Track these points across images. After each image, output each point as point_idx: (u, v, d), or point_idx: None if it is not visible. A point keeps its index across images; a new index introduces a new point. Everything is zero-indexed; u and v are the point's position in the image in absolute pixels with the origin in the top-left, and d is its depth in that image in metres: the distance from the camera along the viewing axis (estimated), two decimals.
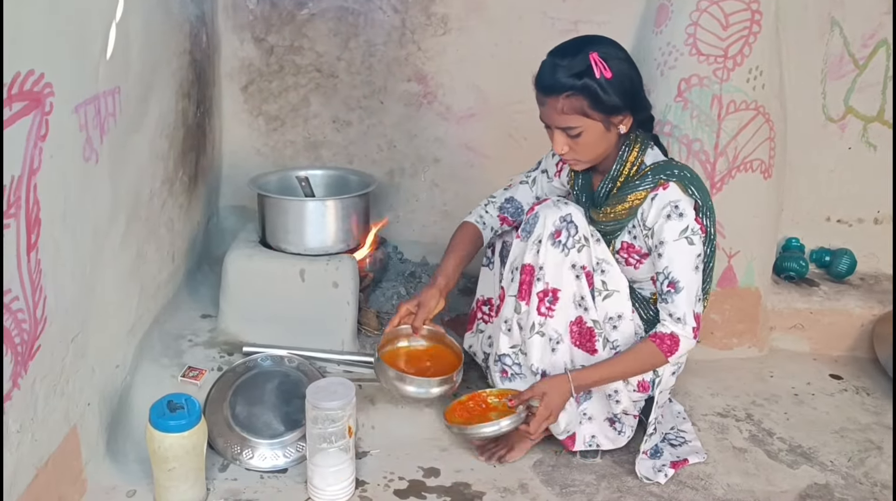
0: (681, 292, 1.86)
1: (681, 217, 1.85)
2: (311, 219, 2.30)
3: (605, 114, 1.84)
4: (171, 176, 2.24)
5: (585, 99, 1.81)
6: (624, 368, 1.94)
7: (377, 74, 2.83)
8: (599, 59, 1.80)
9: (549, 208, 1.92)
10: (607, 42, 1.87)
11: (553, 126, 1.88)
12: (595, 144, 1.88)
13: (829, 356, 2.78)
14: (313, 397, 1.79)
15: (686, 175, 1.89)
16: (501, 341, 2.01)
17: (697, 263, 1.87)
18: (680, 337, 1.88)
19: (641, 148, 1.93)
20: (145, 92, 1.97)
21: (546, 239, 1.89)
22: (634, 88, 1.87)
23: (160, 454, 1.71)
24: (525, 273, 1.92)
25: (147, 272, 2.11)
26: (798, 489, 2.05)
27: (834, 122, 2.82)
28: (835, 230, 2.96)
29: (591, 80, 1.80)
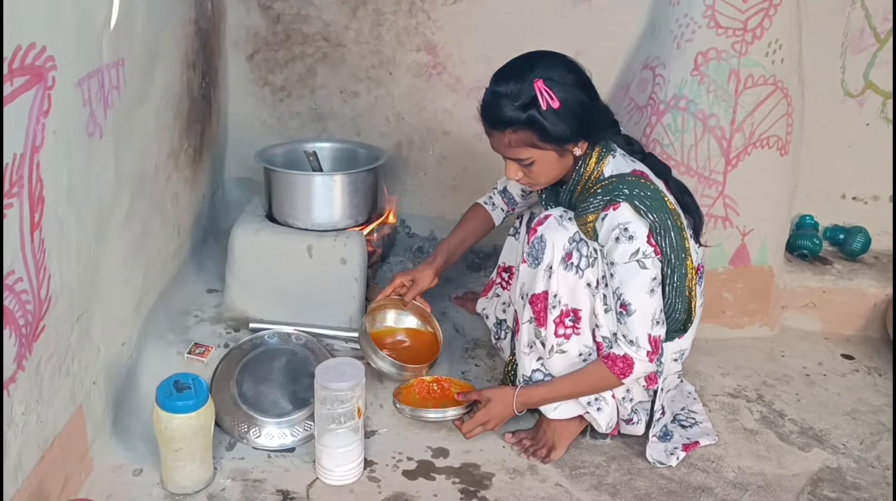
0: (633, 315, 1.77)
1: (630, 240, 1.74)
2: (318, 194, 2.26)
3: (556, 144, 1.75)
4: (177, 149, 2.19)
5: (533, 132, 1.72)
6: (573, 388, 1.89)
7: (386, 43, 2.77)
8: (545, 87, 1.68)
9: (554, 231, 1.82)
10: (554, 62, 1.75)
11: (505, 156, 1.82)
12: (549, 169, 1.81)
13: (841, 336, 2.75)
14: (322, 377, 1.77)
15: (640, 194, 1.76)
16: (526, 362, 1.95)
17: (652, 285, 1.77)
18: (634, 360, 1.80)
19: (599, 157, 1.83)
20: (150, 63, 1.91)
21: (557, 265, 1.81)
22: (586, 112, 1.74)
23: (167, 434, 1.69)
24: (539, 301, 1.86)
25: (152, 248, 2.08)
26: (810, 472, 2.03)
27: (853, 97, 2.76)
28: (850, 208, 2.91)
29: (537, 112, 1.69)
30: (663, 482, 1.95)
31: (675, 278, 1.82)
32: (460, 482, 1.89)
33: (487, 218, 2.21)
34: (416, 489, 1.85)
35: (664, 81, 2.54)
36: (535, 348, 1.93)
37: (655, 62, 2.57)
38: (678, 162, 2.52)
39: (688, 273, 1.84)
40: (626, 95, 2.69)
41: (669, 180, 1.91)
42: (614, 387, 1.91)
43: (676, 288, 1.84)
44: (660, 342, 1.81)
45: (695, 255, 1.90)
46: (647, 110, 2.58)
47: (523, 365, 1.96)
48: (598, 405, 1.94)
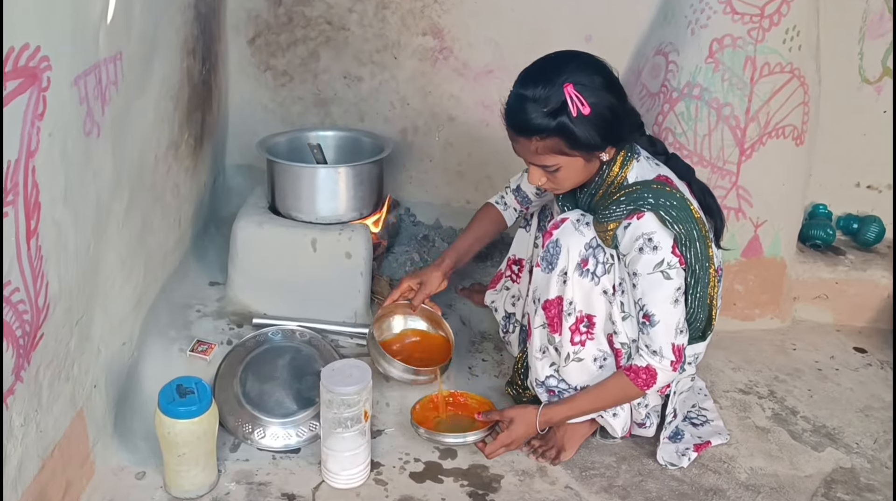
0: (657, 326, 1.73)
1: (655, 251, 1.69)
2: (322, 187, 2.21)
3: (585, 151, 1.68)
4: (177, 139, 2.13)
5: (562, 139, 1.65)
6: (596, 403, 1.86)
7: (390, 27, 2.69)
8: (575, 92, 1.60)
9: (571, 236, 1.76)
10: (583, 63, 1.67)
11: (528, 162, 1.75)
12: (575, 175, 1.75)
13: (853, 328, 2.70)
14: (328, 381, 1.73)
15: (666, 204, 1.70)
16: (539, 367, 1.91)
17: (676, 296, 1.72)
18: (657, 370, 1.76)
19: (624, 162, 1.76)
20: (148, 54, 1.84)
21: (573, 271, 1.76)
22: (616, 117, 1.67)
23: (170, 440, 1.66)
24: (552, 307, 1.81)
25: (153, 242, 2.03)
26: (823, 473, 2.00)
27: (870, 83, 2.69)
28: (864, 196, 2.85)
29: (568, 119, 1.61)
30: (674, 483, 1.91)
31: (698, 289, 1.78)
32: (468, 484, 1.86)
33: (499, 218, 2.15)
34: (423, 492, 1.82)
35: (677, 68, 2.46)
36: (548, 353, 1.88)
37: (668, 48, 2.50)
38: (691, 152, 2.46)
39: (710, 281, 1.79)
40: (637, 81, 2.62)
41: (693, 182, 1.86)
42: (637, 398, 1.87)
43: (699, 298, 1.79)
44: (683, 351, 1.77)
45: (715, 259, 1.85)
46: (660, 98, 2.51)
47: (536, 370, 1.92)
48: (614, 410, 1.90)
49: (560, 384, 1.91)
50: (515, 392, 2.10)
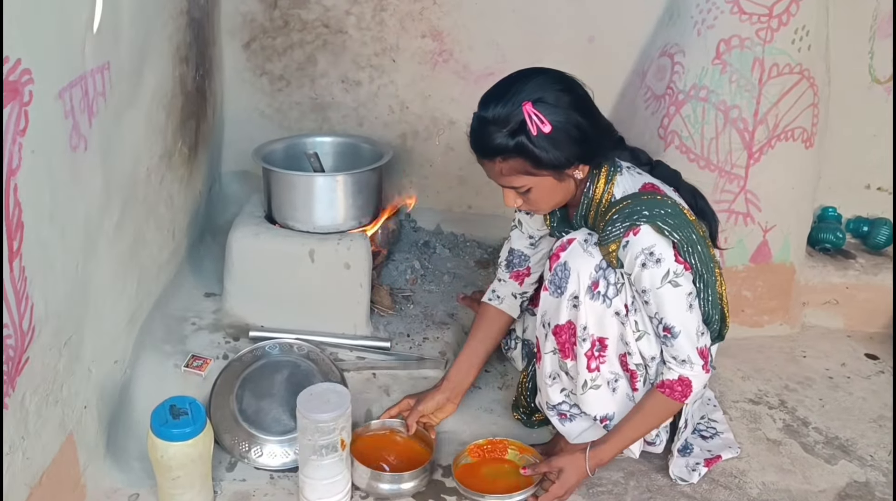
0: (679, 337, 1.68)
1: (658, 264, 1.62)
2: (320, 196, 2.15)
3: (552, 170, 1.61)
4: (170, 149, 2.07)
5: (523, 160, 1.59)
6: (641, 428, 1.80)
7: (389, 29, 2.63)
8: (534, 110, 1.54)
9: (579, 258, 1.70)
10: (545, 81, 1.60)
11: (499, 184, 1.69)
12: (549, 196, 1.68)
13: (864, 334, 2.65)
14: (304, 406, 1.66)
15: (660, 212, 1.63)
16: (551, 392, 1.85)
17: (690, 301, 1.68)
18: (691, 378, 1.72)
19: (608, 178, 1.70)
20: (139, 63, 1.79)
21: (584, 295, 1.69)
22: (583, 135, 1.60)
23: (164, 463, 1.60)
24: (563, 333, 1.75)
25: (146, 256, 1.97)
26: (837, 487, 1.94)
27: (880, 83, 2.63)
28: (874, 198, 2.80)
29: (527, 138, 1.55)
30: (684, 500, 1.86)
31: (708, 291, 1.73)
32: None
33: (498, 316, 2.01)
34: None
35: (683, 70, 2.41)
36: (559, 379, 1.83)
37: (674, 49, 2.44)
38: (697, 156, 2.40)
39: (719, 280, 1.75)
40: (642, 83, 2.56)
41: (681, 186, 1.80)
42: (677, 410, 1.83)
43: (711, 300, 1.74)
44: (708, 351, 1.74)
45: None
46: (665, 100, 2.45)
47: (547, 395, 1.86)
48: None
49: (573, 409, 1.86)
50: (523, 416, 2.04)
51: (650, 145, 2.47)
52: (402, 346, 2.21)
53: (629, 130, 2.56)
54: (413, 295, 2.44)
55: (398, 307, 2.36)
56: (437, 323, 2.32)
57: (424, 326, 2.31)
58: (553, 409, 1.87)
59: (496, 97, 1.60)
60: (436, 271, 2.59)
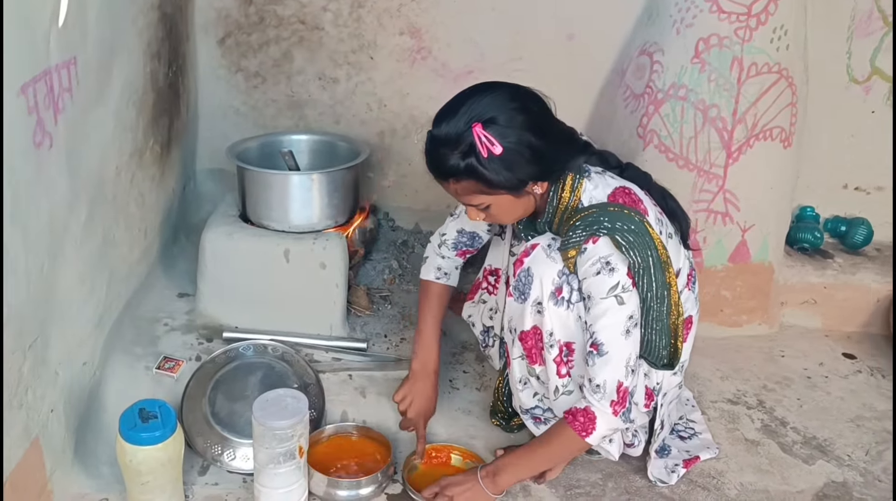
0: (604, 357, 1.61)
1: (612, 273, 1.59)
2: (295, 194, 2.11)
3: (507, 190, 1.58)
4: (141, 147, 2.03)
5: (476, 181, 1.56)
6: (540, 459, 1.77)
7: (366, 26, 2.60)
8: (484, 132, 1.50)
9: (543, 263, 1.67)
10: (499, 99, 1.55)
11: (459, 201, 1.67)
12: (510, 211, 1.66)
13: (842, 333, 2.65)
14: (260, 413, 1.62)
15: (623, 228, 1.59)
16: (523, 397, 1.83)
17: (628, 326, 1.62)
18: (596, 413, 1.63)
19: (574, 186, 1.66)
20: (107, 58, 1.74)
21: (547, 301, 1.66)
22: (536, 153, 1.56)
23: (133, 467, 1.57)
24: (529, 338, 1.72)
25: (116, 256, 1.93)
26: (815, 487, 1.94)
27: (858, 83, 2.63)
28: (851, 198, 2.80)
29: (477, 162, 1.52)
30: None
31: (652, 317, 1.67)
32: None
33: (444, 292, 1.99)
34: None
35: (662, 69, 2.39)
36: (529, 384, 1.81)
37: (653, 48, 2.43)
38: (676, 155, 2.39)
39: (671, 310, 1.67)
40: (621, 81, 2.54)
41: (651, 188, 1.78)
42: (583, 450, 1.79)
43: (654, 326, 1.68)
44: (627, 394, 1.65)
45: (686, 262, 1.78)
46: (644, 99, 2.44)
47: (520, 399, 1.84)
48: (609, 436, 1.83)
49: (546, 413, 1.84)
50: (502, 422, 2.02)
51: (629, 144, 2.46)
52: (379, 347, 2.18)
53: (609, 129, 2.56)
54: (391, 295, 2.41)
55: (375, 308, 2.33)
56: (414, 324, 2.28)
57: (402, 326, 2.28)
58: (527, 413, 1.85)
59: (447, 116, 1.57)
60: (414, 270, 2.56)
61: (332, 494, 1.76)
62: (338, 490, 1.76)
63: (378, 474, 1.79)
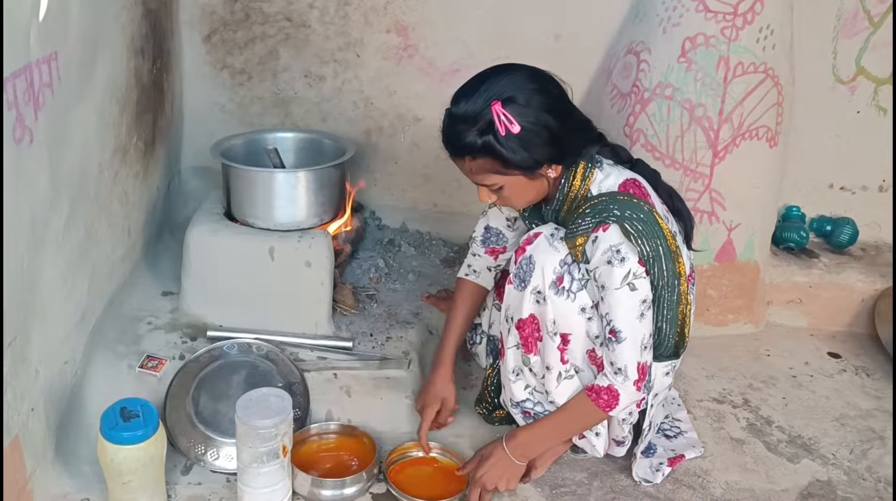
0: (623, 342, 1.64)
1: (623, 262, 1.60)
2: (280, 192, 2.09)
3: (522, 170, 1.60)
4: (125, 144, 2.01)
5: (492, 159, 1.57)
6: (561, 426, 1.78)
7: (353, 24, 2.59)
8: (503, 111, 1.52)
9: (545, 252, 1.67)
10: (518, 80, 1.58)
11: (472, 182, 1.67)
12: (522, 193, 1.67)
13: (828, 332, 2.66)
14: (243, 412, 1.61)
15: (632, 216, 1.61)
16: (514, 389, 1.83)
17: (642, 309, 1.64)
18: (619, 391, 1.67)
19: (585, 174, 1.69)
20: (90, 54, 1.73)
21: (548, 289, 1.67)
22: (554, 137, 1.58)
23: (114, 467, 1.55)
24: (526, 326, 1.72)
25: (99, 254, 1.91)
26: (799, 486, 1.94)
27: (844, 83, 2.64)
28: (837, 198, 2.82)
29: (495, 139, 1.54)
30: (648, 500, 1.85)
31: (663, 305, 1.69)
32: None
33: (475, 292, 2.02)
34: None
35: (649, 68, 2.40)
36: (523, 375, 1.80)
37: (640, 47, 2.43)
38: (663, 154, 2.39)
39: (681, 299, 1.70)
40: (608, 80, 2.54)
41: (659, 186, 1.78)
42: (601, 421, 1.80)
43: (666, 316, 1.70)
44: (647, 369, 1.69)
45: (687, 262, 1.78)
46: (631, 98, 2.44)
47: (511, 391, 1.84)
48: (597, 429, 1.83)
49: (536, 407, 1.83)
50: (485, 411, 2.02)
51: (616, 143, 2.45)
52: (364, 346, 2.17)
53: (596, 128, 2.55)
54: (377, 294, 2.40)
55: (361, 306, 2.32)
56: (401, 322, 2.28)
57: (388, 325, 2.27)
58: (517, 406, 1.85)
59: (467, 94, 1.58)
60: (400, 269, 2.55)
61: (317, 494, 1.75)
62: (322, 490, 1.75)
63: (362, 473, 1.78)
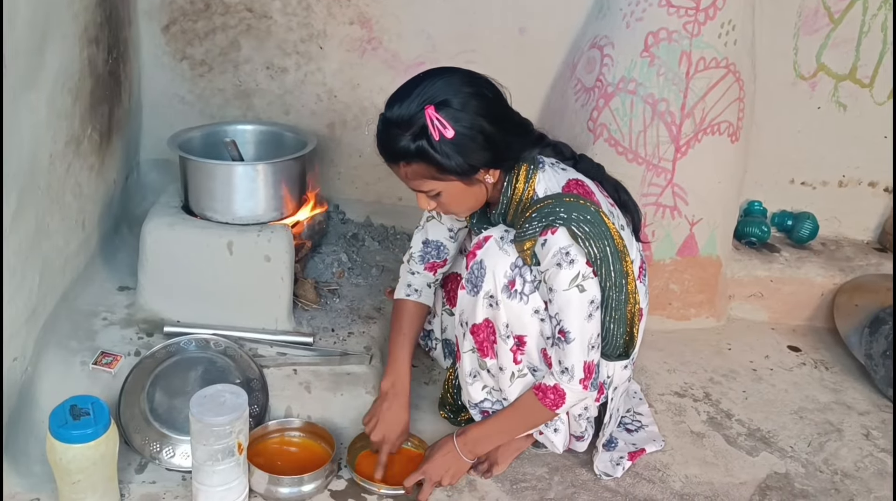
0: (572, 343, 1.63)
1: (571, 264, 1.58)
2: (239, 185, 2.06)
3: (457, 175, 1.57)
4: (78, 135, 1.96)
5: (427, 165, 1.55)
6: (510, 426, 1.78)
7: (316, 15, 2.56)
8: (436, 115, 1.50)
9: (495, 256, 1.65)
10: (453, 83, 1.54)
11: (410, 188, 1.65)
12: (461, 200, 1.64)
13: (788, 326, 2.69)
14: (197, 409, 1.58)
15: (579, 218, 1.59)
16: (472, 390, 1.82)
17: (591, 310, 1.63)
18: (566, 390, 1.67)
19: (528, 177, 1.66)
20: (38, 44, 1.68)
21: (500, 293, 1.65)
22: (489, 139, 1.56)
23: (63, 466, 1.51)
24: (481, 332, 1.71)
25: (51, 247, 1.86)
26: (757, 479, 1.96)
27: (805, 80, 2.66)
28: (798, 193, 2.84)
29: (429, 144, 1.51)
30: (608, 495, 1.85)
31: (611, 305, 1.67)
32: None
33: (417, 312, 1.95)
34: None
35: (612, 62, 2.40)
36: (479, 377, 1.79)
37: (604, 41, 2.43)
38: (626, 148, 2.39)
39: (629, 299, 1.68)
40: (572, 75, 2.54)
41: (604, 180, 1.78)
42: (549, 420, 1.79)
43: (613, 315, 1.69)
44: (594, 368, 1.68)
45: (637, 256, 1.78)
46: (595, 92, 2.44)
47: (469, 393, 1.83)
48: (556, 425, 1.82)
49: (495, 406, 1.83)
50: (450, 414, 2.02)
51: (580, 138, 2.45)
52: (325, 341, 2.14)
53: (560, 122, 2.55)
54: (339, 289, 2.37)
55: (323, 301, 2.29)
56: (363, 317, 2.26)
57: (350, 320, 2.24)
58: (476, 407, 1.84)
59: (401, 98, 1.55)
60: (364, 264, 2.53)
61: (274, 491, 1.73)
62: (279, 487, 1.73)
63: (321, 470, 1.76)
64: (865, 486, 1.96)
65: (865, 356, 2.40)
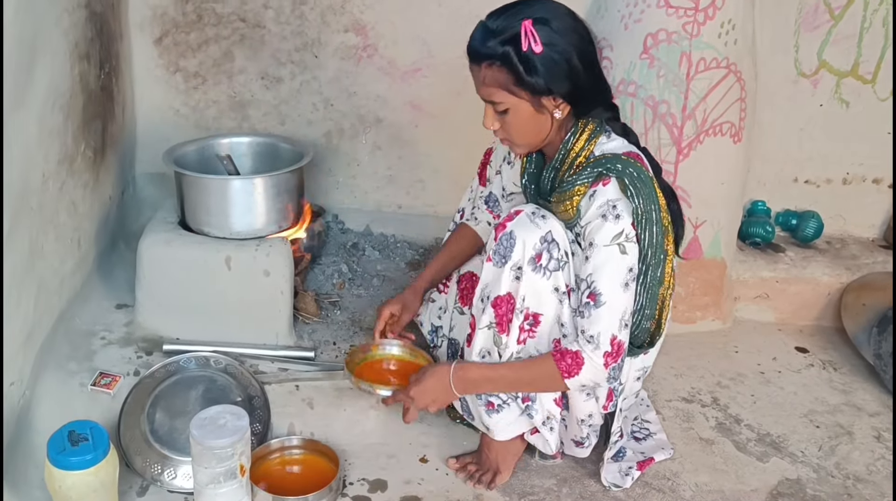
0: (601, 307, 1.57)
1: (617, 219, 1.57)
2: (236, 200, 2.04)
3: (531, 93, 1.57)
4: (71, 153, 1.94)
5: (507, 72, 1.55)
6: (514, 379, 1.70)
7: (310, 23, 2.53)
8: (532, 28, 1.51)
9: (525, 228, 1.63)
10: (559, 11, 1.57)
11: (481, 98, 1.65)
12: (525, 125, 1.63)
13: (795, 327, 2.66)
14: (198, 432, 1.56)
15: (632, 173, 1.58)
16: None
17: (628, 279, 1.59)
18: (585, 360, 1.59)
19: (591, 136, 1.66)
20: (28, 61, 1.65)
21: (527, 265, 1.62)
22: (572, 70, 1.56)
23: (62, 493, 1.48)
24: (503, 304, 1.66)
25: (46, 268, 1.83)
26: (769, 486, 1.93)
27: (806, 77, 2.63)
28: (802, 192, 2.81)
29: (515, 51, 1.53)
30: None
31: (647, 278, 1.64)
32: None
33: (473, 235, 2.02)
34: None
35: (611, 65, 2.36)
36: (489, 358, 1.73)
37: (602, 44, 2.39)
38: None
39: (664, 280, 1.66)
40: None
41: (659, 181, 1.74)
42: (556, 389, 1.71)
43: (648, 290, 1.66)
44: (622, 349, 1.62)
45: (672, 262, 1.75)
46: None
47: None
48: (551, 424, 1.79)
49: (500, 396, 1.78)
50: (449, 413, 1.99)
51: None
52: (327, 354, 2.12)
53: None
54: (340, 300, 2.35)
55: (324, 314, 2.27)
56: (365, 329, 2.23)
57: (352, 332, 2.22)
58: (481, 396, 1.78)
59: (504, 9, 1.58)
60: (365, 274, 2.51)
61: None
62: None
63: (326, 489, 1.73)
64: (878, 490, 1.93)
65: (874, 356, 2.37)
